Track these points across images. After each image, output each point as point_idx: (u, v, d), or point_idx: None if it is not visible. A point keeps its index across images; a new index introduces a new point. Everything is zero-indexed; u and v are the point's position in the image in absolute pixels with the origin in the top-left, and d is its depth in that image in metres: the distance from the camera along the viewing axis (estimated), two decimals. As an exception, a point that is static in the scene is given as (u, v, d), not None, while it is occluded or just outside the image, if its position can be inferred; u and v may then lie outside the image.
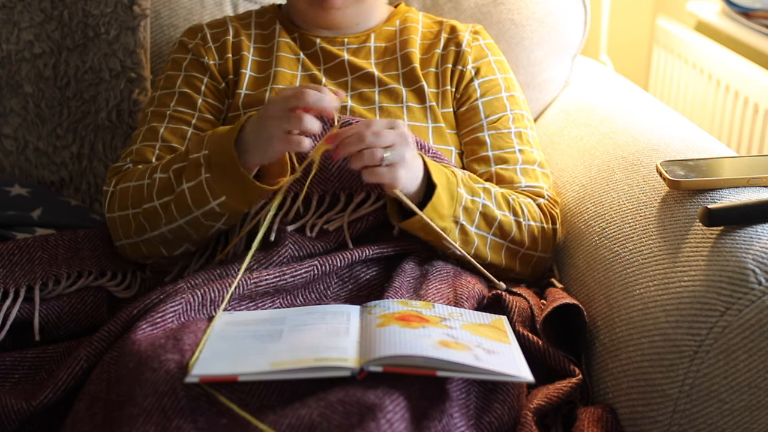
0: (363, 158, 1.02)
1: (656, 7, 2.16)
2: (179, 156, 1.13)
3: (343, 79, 1.27)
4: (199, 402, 0.84)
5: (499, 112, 1.27)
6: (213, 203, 1.09)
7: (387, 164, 1.03)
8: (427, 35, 1.33)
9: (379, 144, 1.02)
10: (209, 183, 1.07)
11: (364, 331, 0.93)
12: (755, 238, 0.91)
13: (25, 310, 1.10)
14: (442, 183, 1.09)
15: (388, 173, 1.03)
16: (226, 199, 1.08)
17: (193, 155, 1.09)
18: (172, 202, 1.11)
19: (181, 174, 1.10)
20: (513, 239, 1.16)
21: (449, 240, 1.10)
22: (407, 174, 1.05)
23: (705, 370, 0.88)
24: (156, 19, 1.53)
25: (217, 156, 1.06)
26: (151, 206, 1.13)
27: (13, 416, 0.94)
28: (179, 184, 1.10)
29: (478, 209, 1.13)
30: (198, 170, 1.08)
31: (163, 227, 1.14)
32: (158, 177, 1.13)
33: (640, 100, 1.47)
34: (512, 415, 0.91)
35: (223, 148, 1.06)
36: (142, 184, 1.15)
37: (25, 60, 1.46)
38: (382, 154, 1.02)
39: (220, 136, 1.08)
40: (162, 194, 1.12)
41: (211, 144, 1.08)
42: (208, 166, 1.07)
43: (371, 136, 1.02)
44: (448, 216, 1.09)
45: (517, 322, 1.04)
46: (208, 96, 1.26)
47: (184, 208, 1.10)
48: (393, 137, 1.03)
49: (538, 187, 1.24)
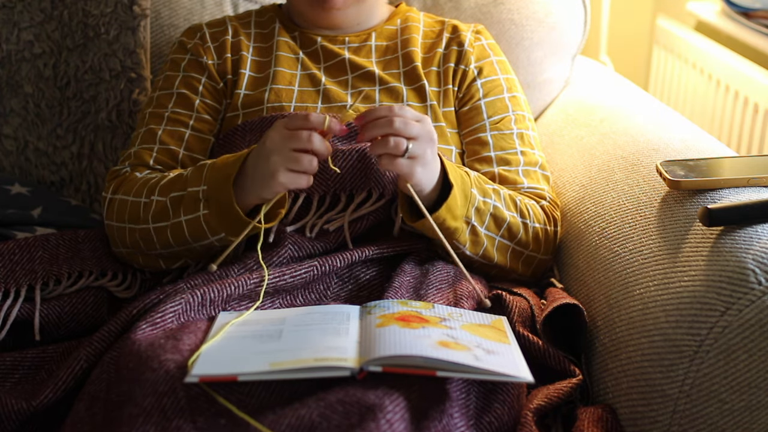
0: (387, 145, 1.00)
1: (656, 7, 2.16)
2: (178, 182, 1.12)
3: (343, 78, 1.27)
4: (198, 402, 0.84)
5: (501, 113, 1.27)
6: (211, 239, 1.09)
7: (408, 156, 1.01)
8: (429, 34, 1.33)
9: (406, 133, 1.01)
10: (207, 219, 1.07)
11: (364, 331, 0.93)
12: (755, 238, 0.91)
13: (26, 310, 1.11)
14: (457, 183, 1.08)
15: (407, 165, 1.02)
16: (225, 236, 1.08)
17: (192, 188, 1.08)
18: (169, 228, 1.11)
19: (179, 204, 1.10)
20: (519, 241, 1.16)
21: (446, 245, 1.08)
22: (424, 171, 1.04)
23: (705, 370, 0.88)
24: (156, 19, 1.53)
25: (216, 193, 1.06)
26: (147, 228, 1.13)
27: (13, 416, 0.94)
28: (176, 215, 1.10)
29: (489, 210, 1.12)
30: (196, 205, 1.08)
31: (158, 249, 1.14)
32: (155, 200, 1.12)
33: (640, 100, 1.47)
34: (512, 415, 0.91)
35: (221, 186, 1.05)
36: (139, 203, 1.14)
37: (25, 60, 1.46)
38: (406, 144, 1.01)
39: (219, 170, 1.07)
40: (158, 219, 1.12)
41: (210, 180, 1.07)
42: (207, 203, 1.07)
43: (400, 123, 1.00)
44: (461, 216, 1.09)
45: (517, 322, 1.04)
46: (206, 96, 1.26)
47: (181, 237, 1.10)
48: (419, 130, 1.02)
49: (540, 189, 1.24)
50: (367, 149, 1.13)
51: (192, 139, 1.23)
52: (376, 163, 1.11)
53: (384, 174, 1.12)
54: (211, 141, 1.25)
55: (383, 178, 1.13)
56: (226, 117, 1.26)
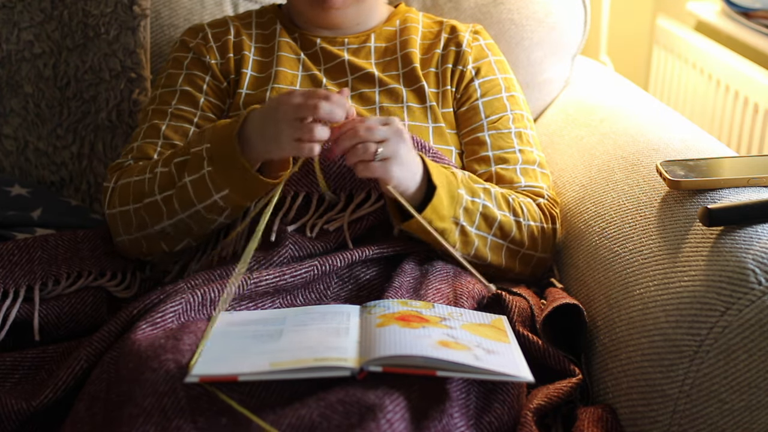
0: (357, 153, 1.03)
1: (656, 7, 2.16)
2: (180, 150, 1.13)
3: (343, 79, 1.27)
4: (199, 402, 0.84)
5: (499, 112, 1.27)
6: (216, 196, 1.09)
7: (380, 159, 1.03)
8: (428, 35, 1.33)
9: (372, 138, 1.03)
10: (212, 176, 1.07)
11: (364, 331, 0.93)
12: (755, 238, 0.91)
13: (25, 310, 1.10)
14: (442, 184, 1.09)
15: (380, 168, 1.03)
16: (229, 192, 1.08)
17: (195, 149, 1.09)
18: (174, 195, 1.11)
19: (183, 167, 1.10)
20: (513, 239, 1.16)
21: (442, 241, 1.09)
22: (401, 170, 1.05)
23: (705, 370, 0.88)
24: (156, 19, 1.53)
25: (219, 149, 1.07)
26: (153, 200, 1.13)
27: (13, 416, 0.94)
28: (181, 178, 1.10)
29: (479, 210, 1.13)
30: (200, 163, 1.08)
31: (164, 221, 1.14)
32: (159, 171, 1.13)
33: (640, 100, 1.47)
34: (512, 415, 0.91)
35: (224, 142, 1.06)
36: (144, 179, 1.15)
37: (25, 60, 1.46)
38: (375, 148, 1.03)
39: (221, 129, 1.08)
40: (164, 188, 1.12)
41: (212, 137, 1.08)
42: (210, 160, 1.07)
43: (364, 130, 1.03)
44: (448, 217, 1.09)
45: (517, 322, 1.04)
46: (210, 95, 1.27)
47: (187, 201, 1.10)
48: (386, 132, 1.04)
49: (538, 187, 1.24)
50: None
51: (194, 133, 1.23)
52: None
53: None
54: (213, 139, 1.25)
55: (382, 178, 1.13)
56: (228, 116, 1.26)
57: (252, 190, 1.08)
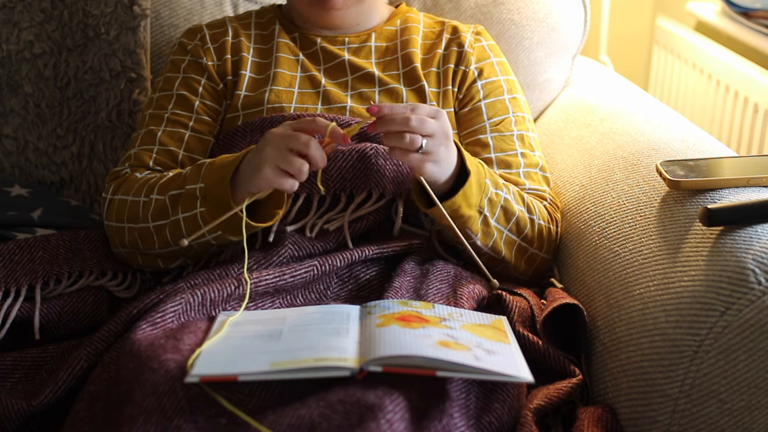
0: (402, 140, 1.00)
1: (656, 7, 2.16)
2: (177, 180, 1.12)
3: (343, 79, 1.27)
4: (199, 402, 0.84)
5: (501, 115, 1.27)
6: (208, 237, 1.09)
7: (422, 152, 1.02)
8: (429, 35, 1.33)
9: (422, 131, 1.01)
10: (204, 217, 1.07)
11: (364, 331, 0.93)
12: (755, 238, 0.91)
13: (26, 310, 1.11)
14: (474, 171, 1.09)
15: (418, 160, 1.03)
16: (222, 234, 1.08)
17: (190, 186, 1.09)
18: (167, 227, 1.11)
19: (177, 202, 1.10)
20: (525, 236, 1.16)
21: (457, 232, 1.08)
22: (437, 167, 1.05)
23: (705, 370, 0.88)
24: (156, 19, 1.53)
25: (213, 191, 1.06)
26: (146, 227, 1.13)
27: (13, 416, 0.94)
28: (175, 212, 1.10)
29: (500, 202, 1.13)
30: (193, 203, 1.08)
31: (156, 249, 1.14)
32: (155, 198, 1.12)
33: (640, 100, 1.47)
34: (512, 415, 0.91)
35: (218, 184, 1.05)
36: (139, 202, 1.14)
37: (25, 60, 1.46)
38: (421, 142, 1.01)
39: (217, 169, 1.07)
40: (157, 217, 1.12)
41: (207, 177, 1.07)
42: (204, 200, 1.07)
43: (416, 121, 1.01)
44: (475, 204, 1.10)
45: (517, 322, 1.04)
46: (206, 98, 1.26)
47: (179, 235, 1.10)
48: (434, 128, 1.02)
49: (541, 191, 1.24)
50: (367, 150, 1.13)
51: (192, 140, 1.23)
52: (380, 161, 1.11)
53: (384, 174, 1.12)
54: (211, 142, 1.25)
55: (383, 178, 1.13)
56: (226, 118, 1.26)
57: (243, 231, 1.07)
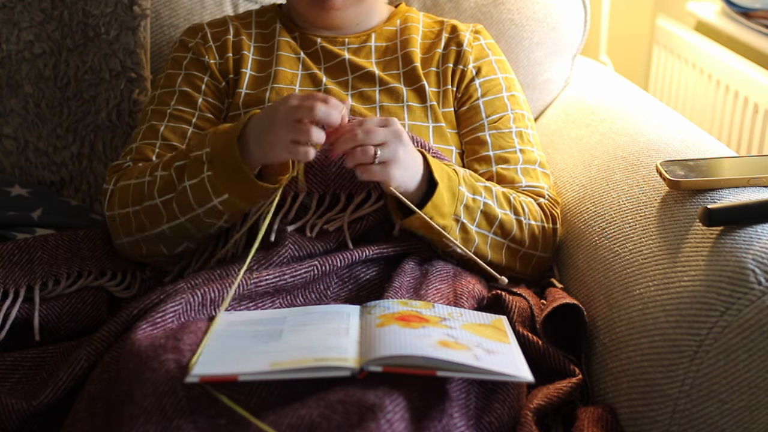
0: (356, 156, 1.03)
1: (656, 7, 2.16)
2: (181, 153, 1.13)
3: (343, 78, 1.27)
4: (199, 402, 0.84)
5: (500, 112, 1.27)
6: (215, 201, 1.09)
7: (380, 162, 1.03)
8: (428, 35, 1.33)
9: (371, 141, 1.03)
10: (211, 180, 1.07)
11: (364, 331, 0.93)
12: (755, 238, 0.91)
13: (25, 310, 1.10)
14: (443, 181, 1.09)
15: (380, 171, 1.04)
16: (229, 197, 1.08)
17: (195, 153, 1.09)
18: (174, 199, 1.11)
19: (182, 171, 1.10)
20: (513, 238, 1.16)
21: (449, 238, 1.10)
22: (402, 172, 1.05)
23: (705, 370, 0.88)
24: (156, 19, 1.53)
25: (219, 153, 1.06)
26: (153, 204, 1.13)
27: (13, 416, 0.94)
28: (181, 182, 1.10)
29: (480, 207, 1.13)
30: (200, 168, 1.08)
31: (164, 225, 1.13)
32: (159, 175, 1.13)
33: (640, 100, 1.47)
34: (512, 415, 0.91)
35: (225, 146, 1.06)
36: (143, 182, 1.14)
37: (25, 60, 1.46)
38: (374, 151, 1.03)
39: (222, 134, 1.08)
40: (163, 192, 1.12)
41: (213, 141, 1.08)
42: (210, 164, 1.07)
43: (362, 133, 1.03)
44: (449, 214, 1.10)
45: (517, 322, 1.04)
46: (209, 95, 1.26)
47: (186, 205, 1.10)
48: (385, 135, 1.04)
49: (539, 187, 1.24)
50: (367, 150, 1.13)
51: (194, 136, 1.23)
52: None
53: None
54: (212, 139, 1.25)
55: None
56: (228, 116, 1.26)
57: (251, 194, 1.08)
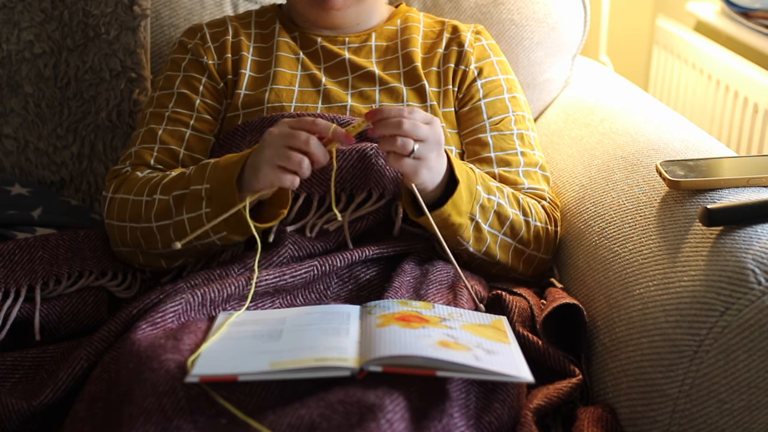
0: (394, 144, 1.02)
1: (656, 8, 2.16)
2: (180, 180, 1.12)
3: (343, 78, 1.27)
4: (199, 402, 0.84)
5: (501, 114, 1.27)
6: (213, 237, 1.09)
7: (414, 157, 1.03)
8: (429, 35, 1.33)
9: (414, 135, 1.02)
10: (209, 217, 1.07)
11: (364, 331, 0.93)
12: (755, 238, 0.91)
13: (26, 310, 1.11)
14: (463, 179, 1.09)
15: (411, 165, 1.03)
16: (227, 234, 1.08)
17: (195, 186, 1.09)
18: (171, 226, 1.11)
19: (181, 202, 1.10)
20: (521, 239, 1.16)
21: (442, 242, 1.09)
22: (427, 172, 1.05)
23: (705, 370, 0.88)
24: (156, 19, 1.53)
25: (218, 192, 1.06)
26: (149, 227, 1.13)
27: (13, 416, 0.94)
28: (179, 213, 1.10)
29: (494, 208, 1.13)
30: (199, 203, 1.08)
31: (159, 248, 1.14)
32: (158, 198, 1.12)
33: (639, 100, 1.47)
34: (512, 415, 0.91)
35: (224, 185, 1.05)
36: (141, 201, 1.14)
37: (26, 60, 1.46)
38: (413, 146, 1.02)
39: (222, 170, 1.07)
40: (160, 217, 1.12)
41: (213, 178, 1.07)
42: (209, 201, 1.07)
43: (409, 125, 1.02)
44: (466, 212, 1.10)
45: (517, 322, 1.04)
46: (207, 96, 1.26)
47: (183, 235, 1.10)
48: (427, 132, 1.03)
49: (540, 190, 1.24)
50: (367, 149, 1.13)
51: (192, 138, 1.23)
52: (380, 160, 1.12)
53: (384, 174, 1.12)
54: (211, 141, 1.25)
55: (383, 178, 1.13)
56: (226, 117, 1.26)
57: (249, 232, 1.06)
